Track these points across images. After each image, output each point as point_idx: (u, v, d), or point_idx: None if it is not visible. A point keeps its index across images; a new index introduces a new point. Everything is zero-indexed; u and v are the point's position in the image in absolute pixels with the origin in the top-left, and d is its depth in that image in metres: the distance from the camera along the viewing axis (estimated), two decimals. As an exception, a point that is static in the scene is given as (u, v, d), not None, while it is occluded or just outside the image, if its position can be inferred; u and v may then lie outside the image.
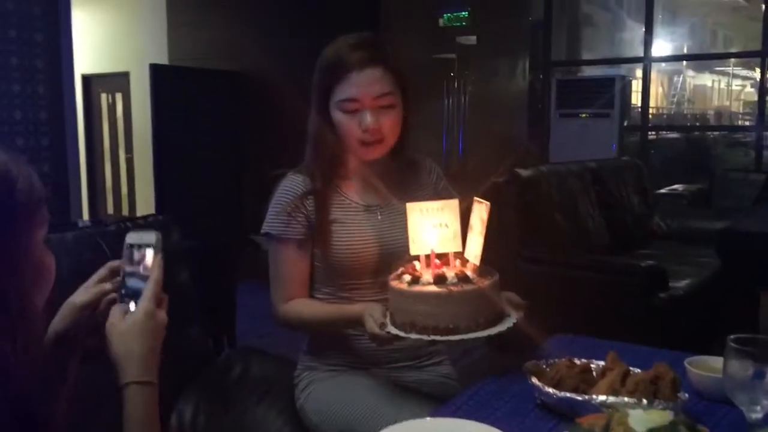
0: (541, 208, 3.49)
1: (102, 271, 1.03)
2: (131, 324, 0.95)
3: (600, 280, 3.02)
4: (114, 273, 1.02)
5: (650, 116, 11.90)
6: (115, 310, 0.97)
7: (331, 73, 1.54)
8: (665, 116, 14.45)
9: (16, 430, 0.76)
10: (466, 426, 1.15)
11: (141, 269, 1.00)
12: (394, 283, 1.36)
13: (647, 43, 6.25)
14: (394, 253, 1.56)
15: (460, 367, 1.75)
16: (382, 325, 1.34)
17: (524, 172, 3.46)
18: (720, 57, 12.61)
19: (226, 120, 7.16)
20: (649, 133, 10.02)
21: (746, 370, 1.02)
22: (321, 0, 6.58)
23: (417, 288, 1.31)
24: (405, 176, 1.69)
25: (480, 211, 1.37)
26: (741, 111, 15.91)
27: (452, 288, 1.29)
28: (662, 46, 10.19)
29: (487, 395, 1.32)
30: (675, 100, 15.54)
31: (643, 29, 6.25)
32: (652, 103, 13.30)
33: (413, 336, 1.30)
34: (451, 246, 1.38)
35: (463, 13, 6.31)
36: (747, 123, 12.05)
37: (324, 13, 6.34)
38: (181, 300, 1.84)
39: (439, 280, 1.31)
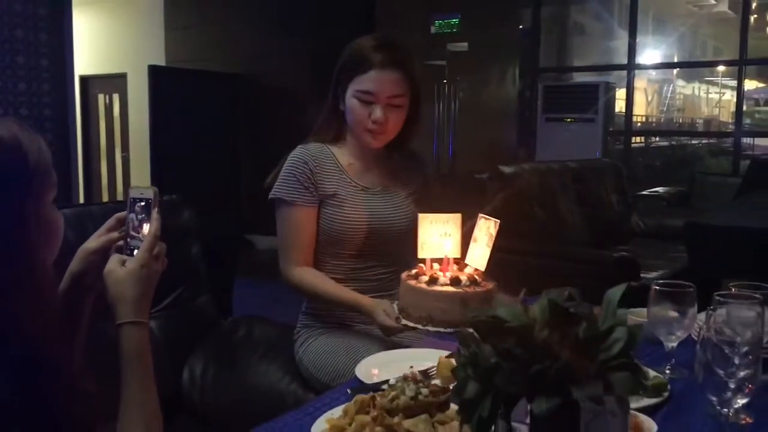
0: (521, 203, 3.67)
1: (110, 221, 1.14)
2: (126, 272, 1.06)
3: (573, 269, 3.21)
4: (120, 222, 1.14)
5: (640, 124, 12.12)
6: (113, 259, 1.08)
7: (356, 63, 1.76)
8: (654, 124, 14.66)
9: (34, 370, 0.85)
10: (438, 353, 1.34)
11: (142, 220, 1.12)
12: (411, 282, 1.56)
13: (631, 51, 6.46)
14: (382, 230, 1.81)
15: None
16: (397, 319, 1.55)
17: (506, 169, 3.65)
18: (701, 65, 12.85)
19: (223, 121, 7.28)
20: (637, 140, 10.23)
21: (666, 309, 1.31)
22: (316, 5, 6.75)
23: (435, 288, 1.52)
24: (402, 166, 1.92)
25: (488, 227, 1.57)
26: (730, 120, 16.16)
27: (466, 289, 1.51)
28: (651, 55, 10.40)
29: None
30: (665, 108, 15.76)
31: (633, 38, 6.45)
32: (642, 111, 13.52)
33: (431, 328, 1.51)
34: (453, 253, 1.61)
35: (454, 20, 6.48)
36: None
37: (319, 17, 6.51)
38: (192, 271, 2.06)
39: (455, 281, 1.52)
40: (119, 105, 8.34)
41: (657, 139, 11.71)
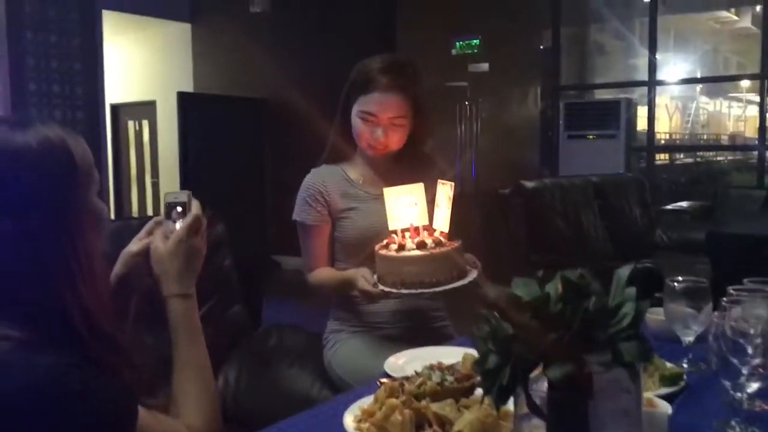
0: (544, 217, 3.73)
1: (150, 224, 1.23)
2: (168, 248, 1.15)
3: (598, 282, 3.24)
4: (159, 226, 1.21)
5: (663, 141, 12.09)
6: (157, 235, 1.17)
7: (360, 85, 1.86)
8: (678, 141, 14.60)
9: (93, 340, 0.94)
10: (461, 351, 1.41)
11: (179, 222, 1.19)
12: (383, 252, 1.70)
13: (652, 67, 6.50)
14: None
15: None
16: (375, 285, 1.68)
17: (528, 184, 3.71)
18: (722, 80, 12.78)
19: (249, 144, 7.43)
20: (661, 157, 10.20)
21: (681, 306, 1.38)
22: (339, 30, 6.89)
23: (404, 253, 1.65)
24: (412, 172, 1.98)
25: (446, 190, 1.71)
26: (755, 136, 16.05)
27: (432, 251, 1.63)
28: (674, 71, 10.41)
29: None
30: (689, 125, 15.70)
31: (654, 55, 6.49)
32: (665, 128, 13.48)
33: (404, 291, 1.64)
34: (421, 220, 1.74)
35: (475, 41, 6.59)
36: (758, 146, 12.19)
37: (342, 42, 6.65)
38: (225, 282, 2.15)
39: (421, 245, 1.65)
40: (149, 131, 8.52)
41: (681, 155, 11.66)
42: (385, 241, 1.73)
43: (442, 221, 1.72)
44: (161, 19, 7.77)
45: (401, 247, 1.66)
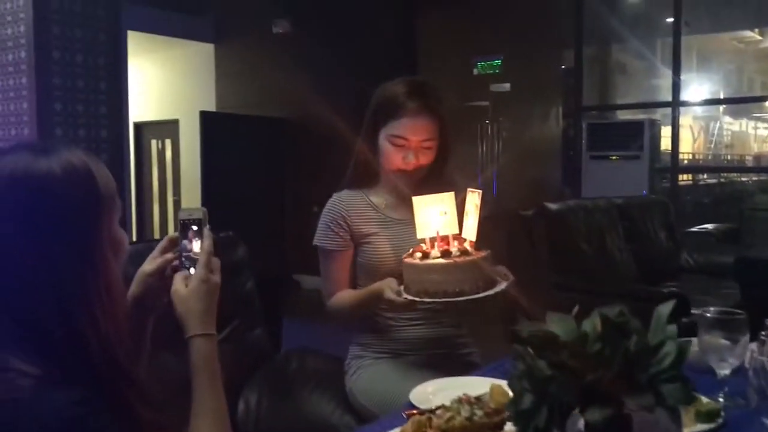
0: (568, 240, 3.68)
1: (163, 243, 1.22)
2: (189, 289, 1.13)
3: (622, 306, 3.18)
4: (173, 243, 1.21)
5: (687, 161, 11.96)
6: (177, 278, 1.15)
7: (389, 109, 1.85)
8: (701, 161, 14.44)
9: (111, 371, 0.92)
10: (488, 382, 1.37)
11: (194, 240, 1.18)
12: (408, 260, 1.68)
13: (675, 88, 6.45)
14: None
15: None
16: (399, 293, 1.64)
17: (552, 206, 3.67)
18: (745, 101, 12.63)
19: (270, 163, 7.46)
20: (685, 177, 10.09)
21: (716, 337, 1.33)
22: (359, 51, 6.92)
23: (427, 261, 1.62)
24: (436, 191, 1.96)
25: (474, 198, 1.68)
26: (782, 156, 15.84)
27: (456, 259, 1.59)
28: (697, 92, 10.32)
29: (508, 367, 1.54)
30: (712, 145, 15.54)
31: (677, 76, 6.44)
32: (689, 149, 13.35)
33: (426, 300, 1.60)
34: (451, 229, 1.70)
35: (497, 61, 6.58)
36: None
37: (362, 63, 6.67)
38: (247, 305, 2.13)
39: (445, 253, 1.61)
40: (171, 150, 8.61)
41: (705, 176, 11.52)
42: (411, 250, 1.72)
43: (470, 230, 1.69)
44: (185, 40, 7.86)
45: (425, 255, 1.65)
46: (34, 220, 0.91)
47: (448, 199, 1.72)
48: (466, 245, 1.66)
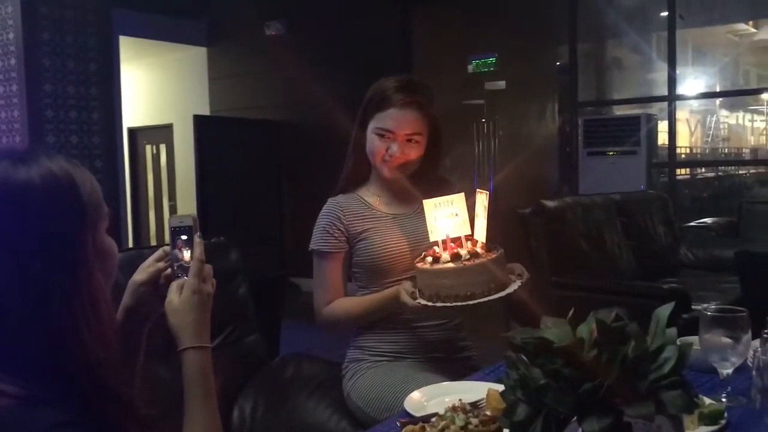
0: (567, 237, 3.64)
1: (158, 252, 1.19)
2: (182, 301, 1.10)
3: (624, 303, 3.15)
4: (167, 253, 1.18)
5: (684, 155, 11.93)
6: (171, 289, 1.12)
7: (376, 103, 1.85)
8: (699, 155, 14.43)
9: (98, 392, 0.89)
10: (486, 386, 1.34)
11: (185, 248, 1.15)
12: (420, 265, 1.67)
13: (671, 82, 6.41)
14: (420, 250, 1.83)
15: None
16: (413, 295, 1.63)
17: (549, 203, 3.63)
18: (742, 94, 12.63)
19: (265, 166, 7.44)
20: (682, 172, 10.06)
21: (718, 336, 1.28)
22: (354, 51, 6.89)
23: (438, 266, 1.60)
24: (431, 188, 1.93)
25: (482, 199, 1.66)
26: (780, 149, 15.81)
27: (466, 263, 1.58)
28: (692, 86, 10.29)
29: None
30: (709, 139, 15.51)
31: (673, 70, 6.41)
32: (686, 143, 13.32)
33: (439, 304, 1.58)
34: (462, 230, 1.69)
35: (491, 59, 6.56)
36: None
37: (357, 64, 6.64)
38: (241, 311, 2.09)
39: (455, 257, 1.60)
40: (166, 154, 8.58)
41: (703, 170, 11.49)
42: (423, 254, 1.71)
43: (480, 231, 1.68)
44: (178, 44, 7.83)
45: (436, 260, 1.64)
46: (12, 234, 0.88)
47: (458, 200, 1.71)
48: (478, 247, 1.65)
